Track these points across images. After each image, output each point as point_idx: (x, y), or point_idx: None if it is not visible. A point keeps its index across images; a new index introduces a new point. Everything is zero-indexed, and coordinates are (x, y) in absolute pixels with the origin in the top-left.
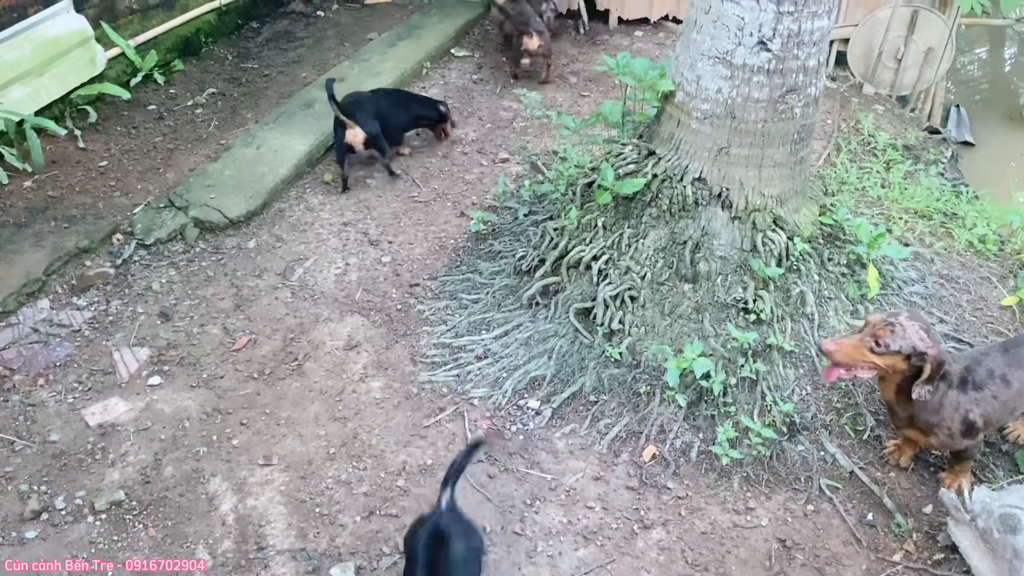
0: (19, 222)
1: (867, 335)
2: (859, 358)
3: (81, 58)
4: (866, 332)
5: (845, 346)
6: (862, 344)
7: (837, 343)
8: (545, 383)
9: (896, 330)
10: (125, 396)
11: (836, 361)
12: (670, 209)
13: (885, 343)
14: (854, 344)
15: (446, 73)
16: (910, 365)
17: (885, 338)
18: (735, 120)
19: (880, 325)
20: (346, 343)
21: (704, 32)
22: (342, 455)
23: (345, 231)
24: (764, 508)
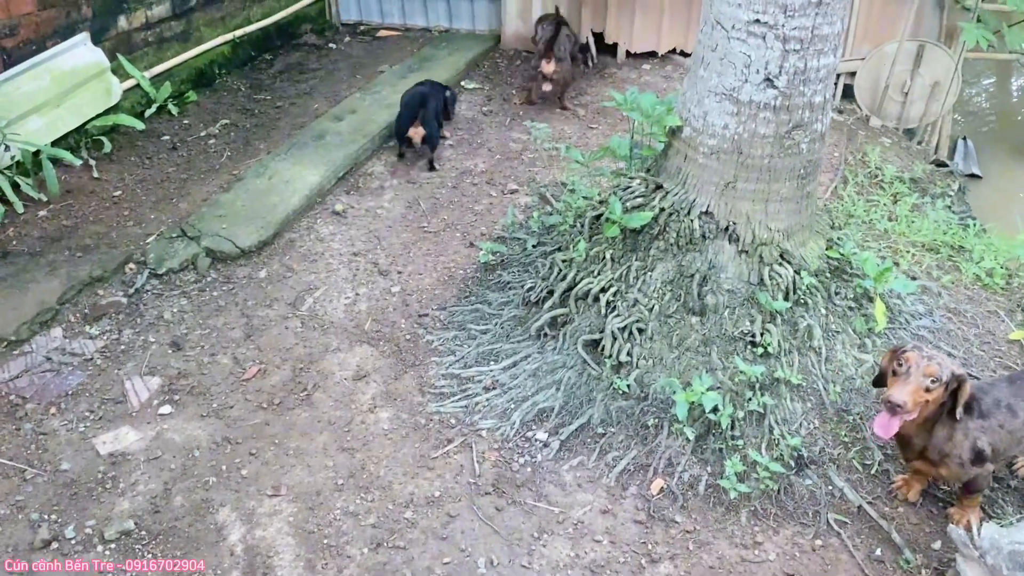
0: (34, 251)
1: (919, 375)
2: (919, 401)
3: (97, 89)
4: (916, 374)
5: (911, 393)
6: (920, 387)
7: (906, 393)
8: (553, 415)
9: (940, 362)
10: (136, 425)
11: (909, 410)
12: (677, 242)
13: (938, 377)
14: (915, 389)
15: (456, 105)
16: (946, 392)
17: (936, 374)
18: (742, 155)
19: (924, 363)
20: (355, 373)
21: (711, 69)
22: (350, 486)
23: (355, 261)
24: (772, 542)
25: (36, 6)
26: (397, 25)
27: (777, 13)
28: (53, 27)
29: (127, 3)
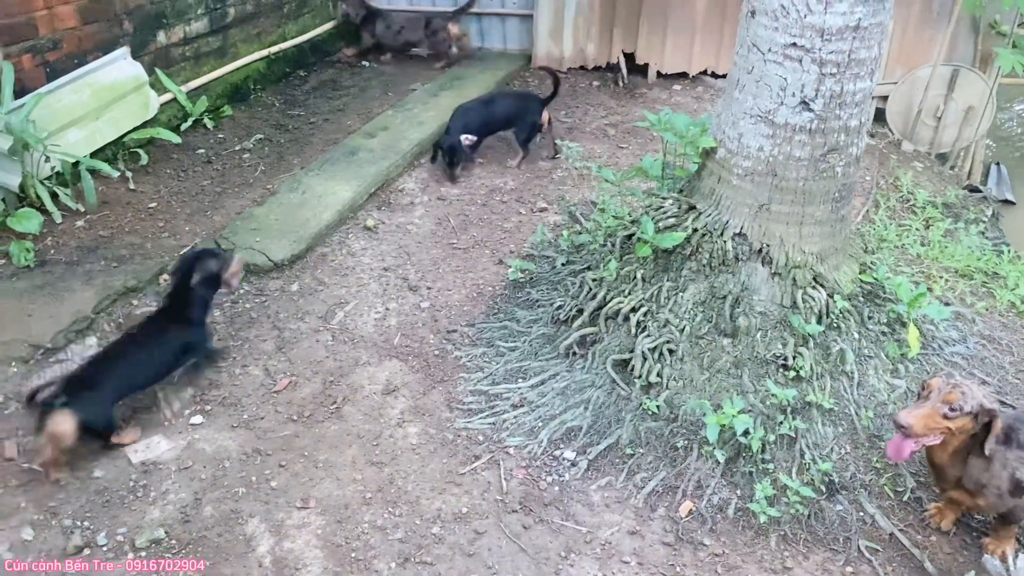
0: (71, 260)
1: (938, 401)
2: (934, 427)
3: (135, 103)
4: (935, 399)
5: (921, 417)
6: (935, 412)
7: (913, 416)
8: (581, 434)
9: (965, 391)
10: (167, 435)
11: (914, 434)
12: (710, 263)
13: (958, 406)
14: (929, 414)
15: None
16: (975, 423)
17: (957, 401)
18: (776, 178)
19: (948, 389)
20: (384, 387)
21: (747, 91)
22: (378, 500)
23: (385, 276)
24: (802, 568)
25: (79, 21)
26: None
27: (814, 37)
28: (94, 41)
29: (166, 19)
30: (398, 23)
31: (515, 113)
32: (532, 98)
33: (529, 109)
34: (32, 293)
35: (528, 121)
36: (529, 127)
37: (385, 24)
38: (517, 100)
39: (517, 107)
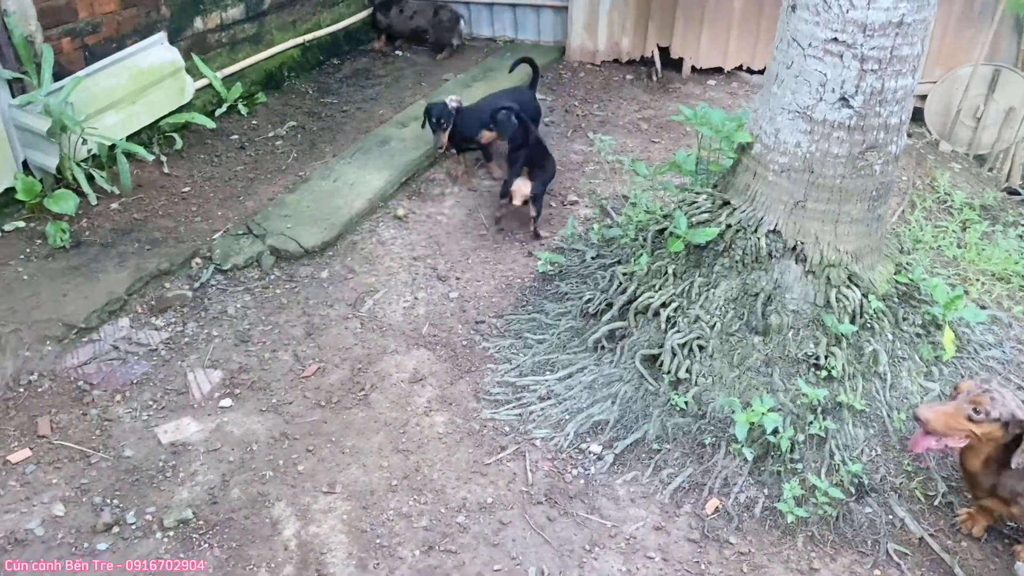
0: (105, 242)
1: (964, 402)
2: (955, 426)
3: (171, 88)
4: (961, 400)
5: (941, 414)
6: (959, 412)
7: (933, 411)
8: (608, 428)
9: (995, 397)
10: (197, 416)
11: (931, 429)
12: (743, 260)
13: (984, 411)
14: (950, 412)
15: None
16: (1006, 433)
17: (984, 406)
18: (813, 175)
19: (977, 392)
20: (411, 376)
21: (785, 86)
22: (404, 487)
23: (415, 265)
24: (829, 570)
25: (118, 5)
26: (463, 34)
27: (856, 32)
28: (133, 26)
29: (203, 5)
30: (411, 8)
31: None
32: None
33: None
34: (67, 273)
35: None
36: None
37: (399, 8)
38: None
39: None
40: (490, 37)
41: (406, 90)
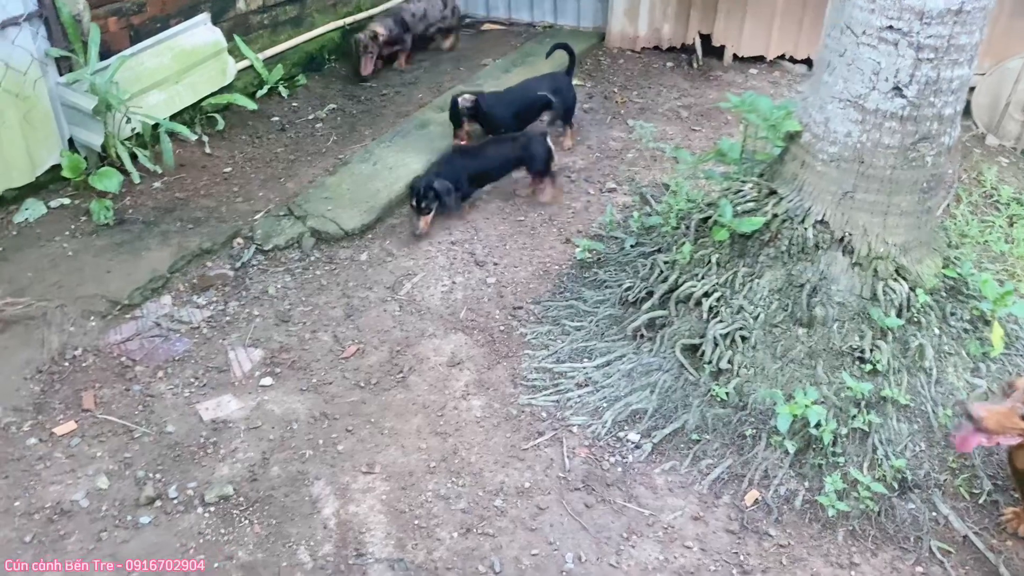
0: (148, 220)
1: (1019, 401)
2: (1009, 426)
3: (214, 68)
4: (1016, 398)
5: (996, 413)
6: (1014, 411)
7: (988, 409)
8: (646, 417)
9: None
10: (237, 394)
11: (984, 428)
12: (789, 250)
13: None
14: (1005, 411)
15: None
16: None
17: None
18: (863, 165)
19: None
20: (449, 360)
21: (837, 74)
22: (442, 469)
23: (453, 250)
24: (869, 565)
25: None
26: (502, 19)
27: (912, 20)
28: (177, 6)
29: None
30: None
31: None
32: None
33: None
34: (111, 250)
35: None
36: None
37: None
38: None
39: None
40: (529, 22)
41: (444, 74)
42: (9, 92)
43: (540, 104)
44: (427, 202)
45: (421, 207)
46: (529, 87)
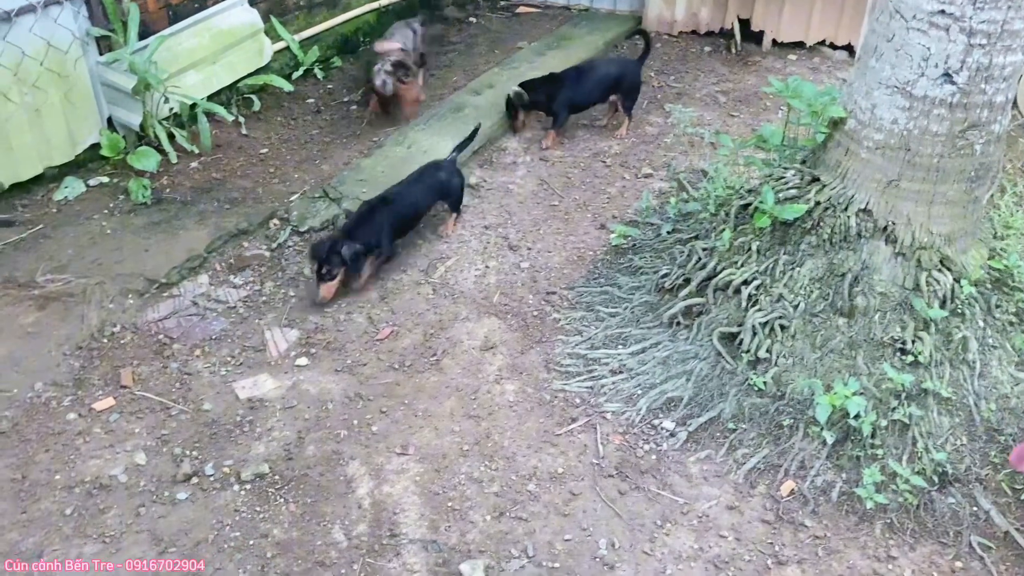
0: (185, 200)
1: None
2: None
3: (250, 49)
4: None
5: None
6: None
7: None
8: (682, 405)
9: None
10: (273, 374)
11: None
12: (831, 239)
13: None
14: None
15: None
16: None
17: None
18: (909, 153)
19: None
20: (483, 344)
21: (884, 60)
22: (475, 453)
23: (486, 234)
24: (907, 559)
25: None
26: (537, 2)
27: (965, 4)
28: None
29: None
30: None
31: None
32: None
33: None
34: (149, 229)
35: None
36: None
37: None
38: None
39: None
40: (565, 5)
41: (479, 57)
42: (51, 71)
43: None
44: (330, 267)
45: (322, 274)
46: (597, 68)
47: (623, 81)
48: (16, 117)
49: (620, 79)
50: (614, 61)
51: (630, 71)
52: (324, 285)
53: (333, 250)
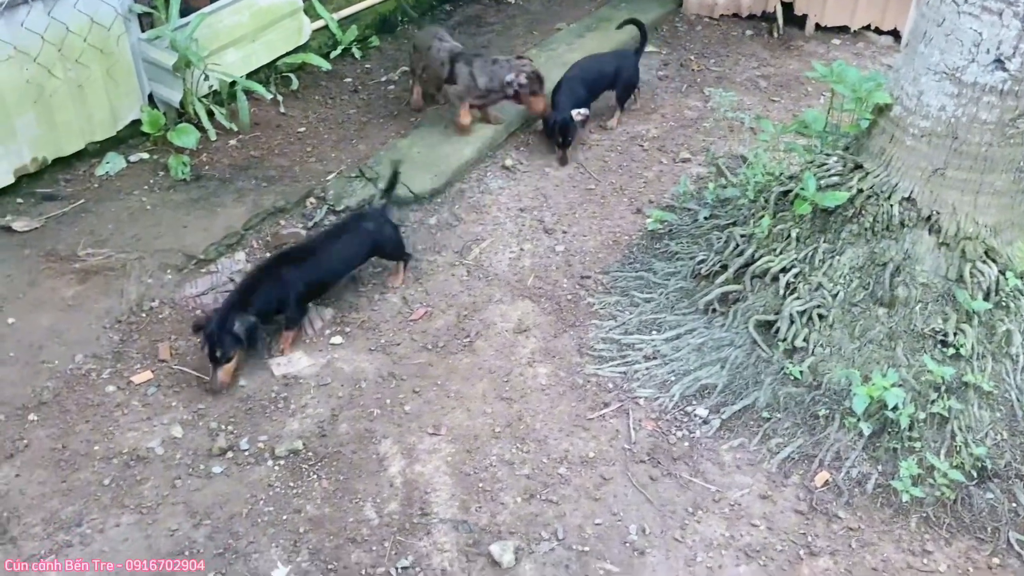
0: (223, 177)
1: None
2: None
3: (289, 28)
4: None
5: None
6: None
7: None
8: (716, 392)
9: None
10: (308, 352)
11: None
12: (872, 227)
13: None
14: None
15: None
16: None
17: None
18: (956, 141)
19: None
20: (516, 326)
21: (933, 45)
22: (506, 435)
23: (521, 217)
24: (943, 553)
25: None
26: None
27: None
28: None
29: None
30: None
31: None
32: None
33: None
34: (187, 206)
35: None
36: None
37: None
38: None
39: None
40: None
41: (517, 38)
42: (94, 47)
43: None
44: (224, 350)
45: (217, 357)
46: (587, 67)
47: (620, 75)
48: (60, 92)
49: (617, 72)
50: (610, 55)
51: (624, 65)
52: (220, 370)
53: (224, 328)
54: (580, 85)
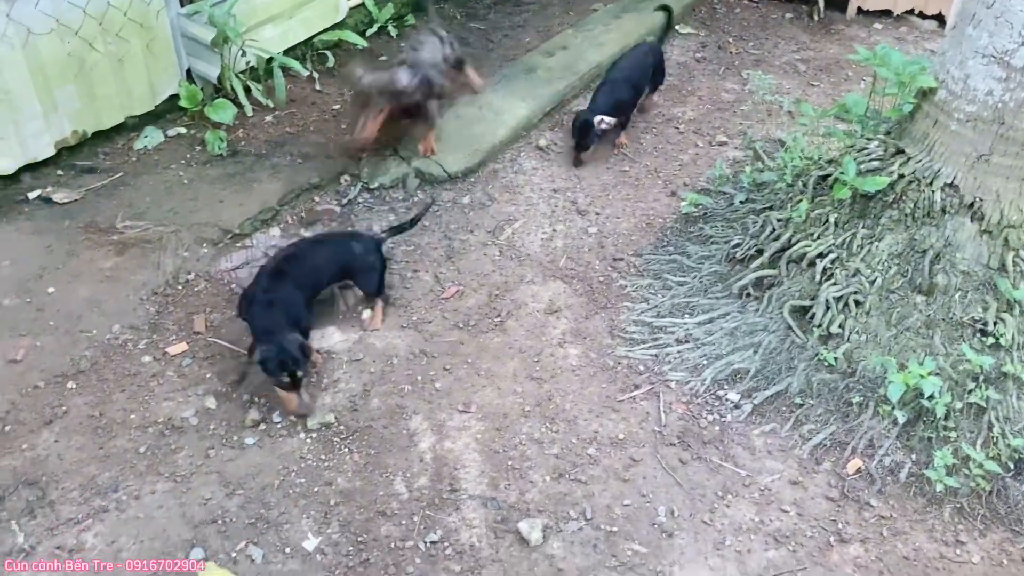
0: (259, 153)
1: None
2: None
3: (326, 5)
4: None
5: None
6: None
7: None
8: (748, 377)
9: None
10: (341, 327)
11: None
12: (913, 213)
13: None
14: None
15: (668, 49)
16: None
17: None
18: (1003, 126)
19: None
20: (547, 307)
21: (982, 27)
22: (536, 414)
23: (554, 198)
24: (976, 544)
25: None
26: None
27: None
28: None
29: None
30: None
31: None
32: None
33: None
34: (224, 181)
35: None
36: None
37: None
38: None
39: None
40: None
41: (553, 18)
42: (134, 21)
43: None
44: (305, 371)
45: (299, 379)
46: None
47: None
48: (100, 66)
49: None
50: (644, 48)
51: (659, 57)
52: (303, 390)
53: (293, 351)
54: (624, 86)
